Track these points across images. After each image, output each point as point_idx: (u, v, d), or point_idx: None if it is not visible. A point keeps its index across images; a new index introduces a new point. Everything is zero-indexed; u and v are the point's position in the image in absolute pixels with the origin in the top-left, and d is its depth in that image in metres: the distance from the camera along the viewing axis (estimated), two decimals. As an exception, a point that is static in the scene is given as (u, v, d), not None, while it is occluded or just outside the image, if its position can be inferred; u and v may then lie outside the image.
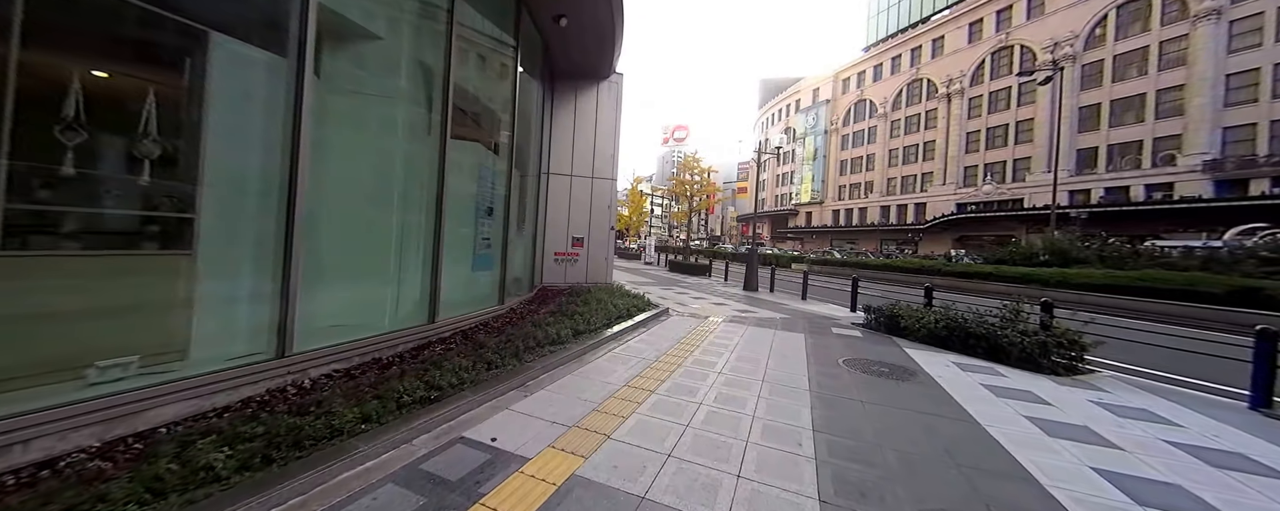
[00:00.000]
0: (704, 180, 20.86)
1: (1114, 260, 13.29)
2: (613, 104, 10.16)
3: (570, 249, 9.79)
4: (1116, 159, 29.34)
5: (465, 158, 5.71)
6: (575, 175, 9.80)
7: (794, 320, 7.75)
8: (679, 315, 7.64)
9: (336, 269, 4.07)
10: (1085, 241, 14.60)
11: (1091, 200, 28.91)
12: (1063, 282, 12.54)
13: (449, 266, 5.13)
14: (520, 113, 7.40)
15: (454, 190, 5.20)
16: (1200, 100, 25.43)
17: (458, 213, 5.53)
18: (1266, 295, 9.06)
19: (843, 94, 51.60)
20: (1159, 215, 24.30)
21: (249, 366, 3.12)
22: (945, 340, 6.13)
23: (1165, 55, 27.31)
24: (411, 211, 4.72)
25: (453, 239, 5.34)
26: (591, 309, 6.44)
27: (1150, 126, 27.78)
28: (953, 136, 39.18)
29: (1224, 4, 24.87)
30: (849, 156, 50.18)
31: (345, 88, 4.05)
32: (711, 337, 6.01)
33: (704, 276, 16.10)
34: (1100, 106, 29.78)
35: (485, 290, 6.23)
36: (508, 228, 6.39)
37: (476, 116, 5.88)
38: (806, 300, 10.48)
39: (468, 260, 5.89)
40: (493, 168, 6.25)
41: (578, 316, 5.89)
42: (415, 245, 4.76)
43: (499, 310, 6.21)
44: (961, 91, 38.58)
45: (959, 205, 37.69)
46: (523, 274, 7.89)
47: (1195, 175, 25.33)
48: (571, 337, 5.01)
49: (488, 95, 6.14)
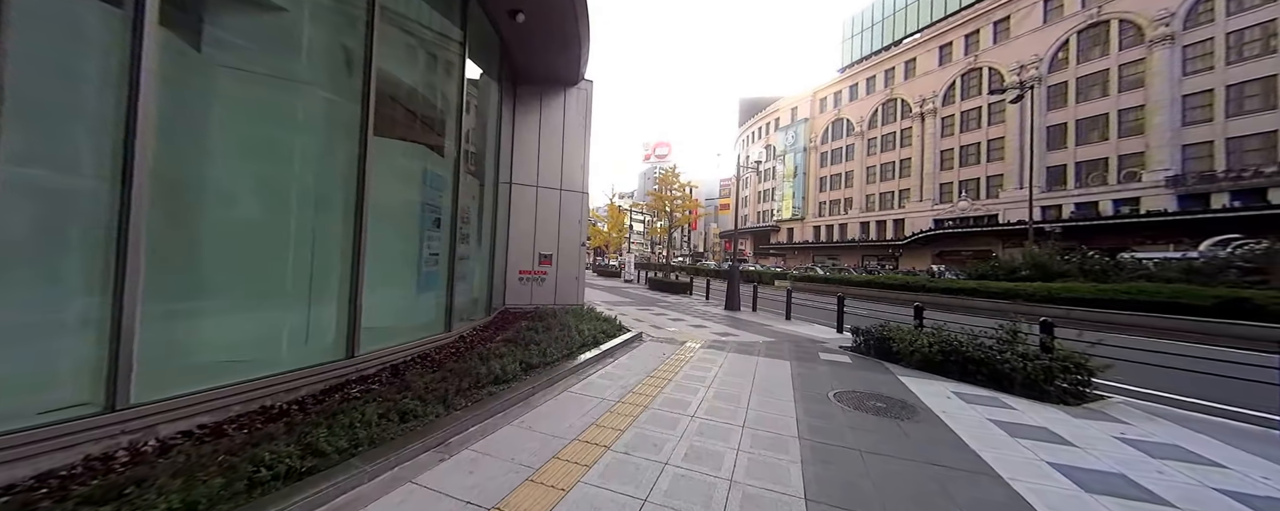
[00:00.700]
0: (684, 195, 20.43)
1: (1096, 273, 13.19)
2: (582, 112, 9.62)
3: (537, 267, 9.05)
4: (1085, 175, 30.22)
5: (402, 161, 5.00)
6: (541, 186, 9.14)
7: (778, 344, 7.13)
8: (653, 340, 6.93)
9: (210, 289, 3.27)
10: (1065, 255, 14.55)
11: (1063, 215, 29.56)
12: (1048, 297, 12.31)
13: (377, 288, 4.36)
14: (474, 115, 6.76)
15: (384, 197, 4.48)
16: (1159, 119, 26.46)
17: (391, 224, 4.79)
18: (1255, 305, 8.88)
19: (821, 113, 52.71)
20: (1128, 228, 24.87)
21: (54, 426, 2.30)
22: (941, 366, 5.58)
23: (1125, 77, 28.51)
24: (321, 220, 3.97)
25: (383, 255, 4.58)
26: (553, 336, 5.70)
27: (1114, 144, 28.76)
28: (927, 154, 40.08)
29: (1177, 30, 26.20)
30: (828, 173, 50.93)
31: (227, 63, 3.33)
32: (687, 368, 5.31)
33: (685, 295, 15.47)
34: (1067, 125, 30.82)
35: (428, 315, 5.44)
36: (457, 242, 5.65)
37: (417, 115, 5.20)
38: (790, 320, 9.90)
39: (407, 280, 5.12)
40: (440, 174, 5.55)
41: (535, 346, 5.14)
42: (328, 262, 3.99)
43: (444, 339, 5.42)
44: (934, 111, 39.67)
45: (936, 221, 38.27)
46: (478, 295, 7.11)
47: (1159, 190, 26.14)
48: (521, 373, 4.26)
49: (431, 92, 5.48)
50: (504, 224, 8.69)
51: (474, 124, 6.84)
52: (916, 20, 43.86)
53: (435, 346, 5.18)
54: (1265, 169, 22.71)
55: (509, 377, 4.08)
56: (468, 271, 6.97)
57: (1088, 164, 30.14)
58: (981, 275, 16.14)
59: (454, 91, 5.70)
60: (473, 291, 7.08)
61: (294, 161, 3.81)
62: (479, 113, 7.00)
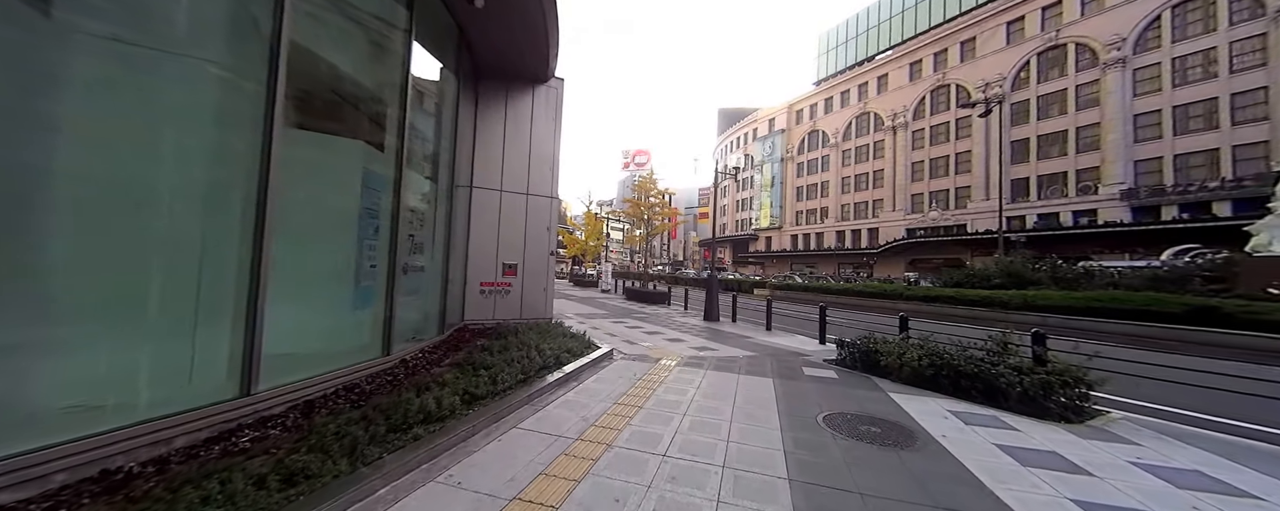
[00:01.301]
0: (661, 202, 19.99)
1: (1068, 281, 13.35)
2: (552, 112, 9.04)
3: (500, 278, 8.33)
4: (1046, 188, 31.43)
5: (328, 157, 4.31)
6: (506, 191, 8.48)
7: (760, 359, 6.63)
8: (625, 358, 6.33)
9: (50, 314, 2.51)
10: (1037, 264, 14.76)
11: (1027, 225, 30.57)
12: (1024, 305, 12.33)
13: (289, 307, 3.64)
14: (427, 110, 6.10)
15: (302, 199, 3.78)
16: (1113, 136, 27.79)
17: (312, 231, 4.08)
18: (1224, 314, 8.98)
19: (797, 124, 53.70)
20: (1087, 238, 25.83)
21: None
22: (932, 380, 5.21)
23: (1082, 97, 29.94)
24: (210, 226, 3.24)
25: (299, 267, 3.86)
26: (511, 357, 5.03)
27: (1073, 159, 30.04)
28: (900, 166, 41.13)
29: (1128, 54, 27.70)
30: (805, 183, 51.72)
31: (84, 29, 2.61)
32: (661, 390, 4.73)
33: (662, 305, 14.92)
34: (1029, 141, 32.10)
35: (362, 337, 4.70)
36: (399, 251, 4.94)
37: (349, 105, 4.52)
38: (772, 331, 9.47)
39: (334, 297, 4.39)
40: (380, 174, 4.86)
41: (486, 371, 4.48)
42: (218, 277, 3.25)
43: (381, 364, 4.68)
44: (906, 124, 40.85)
45: (908, 230, 39.14)
46: (429, 310, 6.37)
47: (1114, 203, 27.33)
48: (461, 407, 3.58)
49: (369, 80, 4.81)
50: (463, 231, 7.98)
51: (427, 120, 6.17)
52: (888, 37, 45.38)
53: (368, 374, 4.44)
54: (1209, 183, 24.00)
55: (445, 413, 3.40)
56: (419, 284, 6.25)
57: (1048, 177, 31.38)
58: (957, 283, 16.22)
59: (397, 80, 5.05)
60: (424, 307, 6.34)
61: (172, 152, 3.08)
62: (433, 107, 6.33)
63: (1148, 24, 27.12)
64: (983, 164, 34.66)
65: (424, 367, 4.94)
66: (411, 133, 5.31)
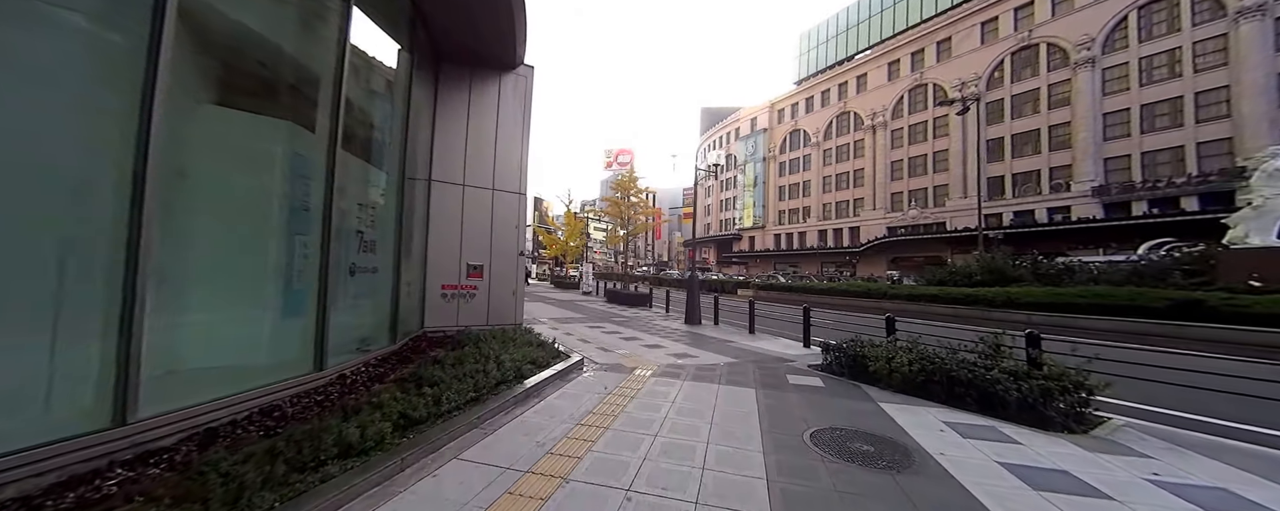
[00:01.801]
0: (641, 201, 19.51)
1: (1049, 277, 13.34)
2: (520, 102, 8.48)
3: (464, 281, 7.74)
4: (1021, 186, 32.04)
5: (241, 136, 3.72)
6: (470, 185, 7.89)
7: (742, 366, 6.21)
8: (596, 369, 5.82)
9: None
10: (1018, 260, 14.77)
11: (1003, 222, 31.10)
12: (1009, 302, 12.24)
13: (185, 314, 3.06)
14: (368, 87, 5.49)
15: (203, 185, 3.19)
16: (1084, 135, 28.44)
17: (217, 223, 3.48)
18: (1209, 308, 8.93)
19: (779, 123, 53.92)
20: (1062, 234, 26.33)
21: None
22: (924, 387, 4.86)
23: (1053, 96, 30.59)
24: (72, 215, 2.64)
25: (199, 266, 3.27)
26: (464, 370, 4.48)
27: (1046, 157, 30.68)
28: (879, 165, 41.55)
29: (1097, 54, 28.38)
30: (787, 182, 51.93)
31: None
32: (633, 406, 4.25)
33: (644, 308, 14.45)
34: (1004, 139, 32.68)
35: (288, 351, 4.09)
36: (331, 250, 4.35)
37: (263, 74, 3.92)
38: (755, 335, 9.08)
39: (251, 302, 3.79)
40: (308, 158, 4.27)
41: (433, 388, 3.93)
42: (79, 276, 2.65)
43: (313, 381, 4.08)
44: (885, 124, 41.29)
45: (889, 229, 39.53)
46: (380, 318, 5.76)
47: (1086, 199, 27.95)
48: (393, 436, 3.04)
49: (294, 48, 4.21)
50: (421, 229, 7.37)
51: (373, 101, 5.57)
52: (867, 37, 45.86)
53: (294, 393, 3.84)
54: (1176, 179, 24.69)
55: (368, 445, 2.85)
56: (370, 288, 5.64)
57: (1023, 175, 32.00)
58: (940, 281, 16.17)
59: (332, 51, 4.46)
60: (374, 313, 5.73)
61: (13, 121, 2.47)
62: (382, 87, 5.73)
63: (1115, 24, 27.83)
64: (960, 162, 35.18)
65: (364, 384, 4.36)
66: (349, 112, 4.72)
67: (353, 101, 4.99)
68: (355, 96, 5.11)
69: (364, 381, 4.47)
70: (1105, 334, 9.42)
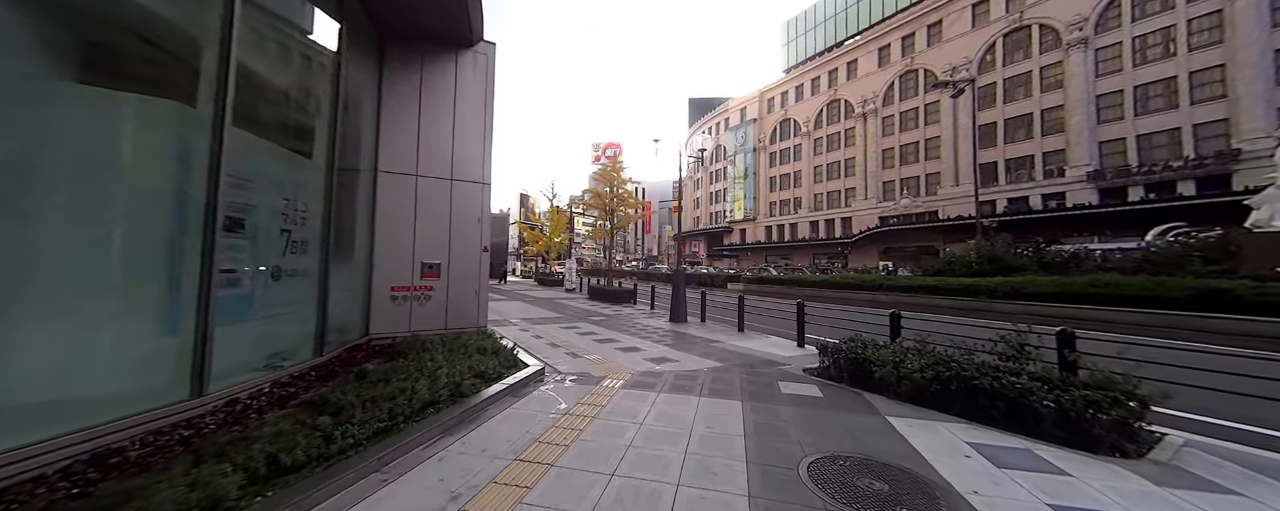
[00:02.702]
0: (626, 193, 18.62)
1: (1055, 266, 12.71)
2: (481, 83, 7.61)
3: (419, 281, 6.90)
4: (1013, 172, 31.59)
5: (88, 114, 2.84)
6: (424, 175, 7.03)
7: (728, 371, 5.45)
8: (558, 380, 5.03)
9: None
10: (1019, 248, 14.15)
11: (997, 210, 30.66)
12: (1012, 293, 11.58)
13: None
14: (279, 59, 4.60)
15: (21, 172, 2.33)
16: (1078, 118, 27.97)
17: (39, 216, 2.63)
18: (1234, 297, 8.27)
19: (768, 113, 53.12)
20: (1056, 221, 25.88)
21: None
22: (939, 397, 4.14)
23: (1046, 79, 30.06)
24: None
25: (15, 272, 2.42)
26: (387, 390, 3.68)
27: (1039, 142, 30.22)
28: (871, 153, 40.97)
29: (1090, 34, 27.84)
30: (778, 173, 51.25)
31: None
32: (590, 431, 3.46)
33: (628, 305, 13.66)
34: (996, 124, 32.16)
35: (155, 374, 3.26)
36: (215, 251, 3.50)
37: (106, 35, 3.04)
38: (744, 333, 8.33)
39: (93, 315, 2.95)
40: (184, 138, 3.42)
41: (333, 417, 3.12)
42: None
43: (183, 411, 3.26)
44: (876, 111, 40.65)
45: (881, 219, 39.04)
46: (300, 328, 4.91)
47: (1081, 184, 27.54)
48: (239, 499, 2.22)
49: (157, 3, 3.32)
50: (365, 225, 6.51)
51: (287, 75, 4.68)
52: (856, 23, 45.06)
53: (153, 428, 3.02)
54: (1173, 163, 24.30)
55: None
56: (296, 295, 4.80)
57: (1016, 161, 31.54)
58: (938, 271, 15.53)
59: (216, 10, 3.58)
60: (296, 323, 4.89)
61: None
62: (299, 62, 4.83)
63: (1108, 2, 27.27)
64: (951, 149, 34.67)
65: (258, 412, 3.54)
66: (249, 86, 3.85)
67: (255, 74, 4.12)
68: (260, 69, 4.24)
69: (260, 407, 3.66)
70: (1120, 327, 8.77)
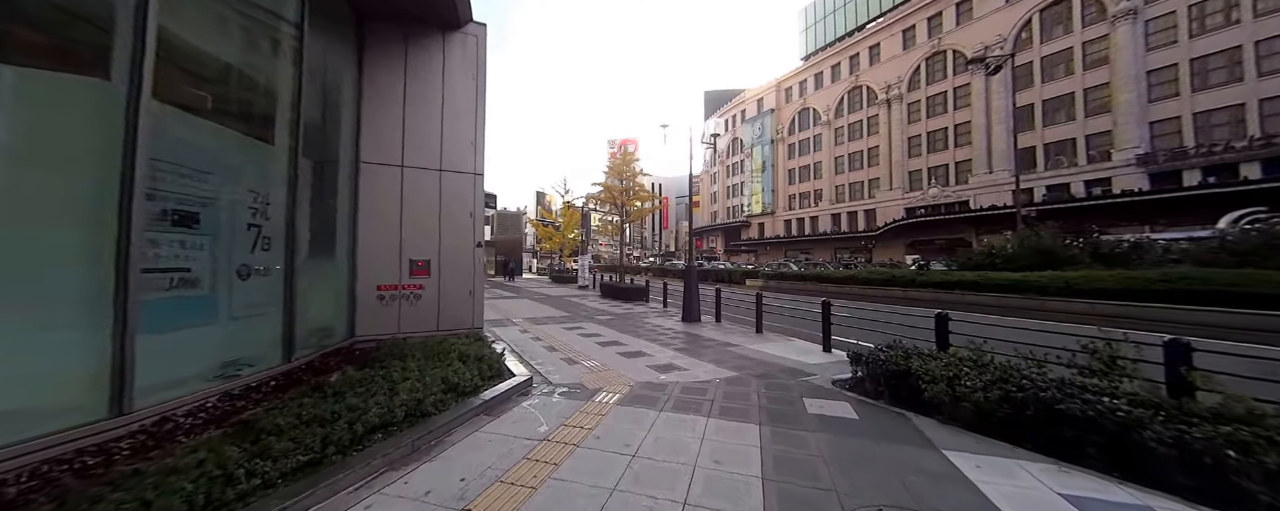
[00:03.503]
0: (636, 184, 17.87)
1: (1114, 258, 11.38)
2: (470, 66, 7.04)
3: (407, 280, 6.40)
4: (1053, 157, 29.55)
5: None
6: (411, 166, 6.51)
7: (743, 383, 4.73)
8: (546, 393, 4.40)
9: None
10: (1071, 238, 12.83)
11: (1035, 198, 28.75)
12: (1067, 289, 10.34)
13: None
14: (220, 30, 4.07)
15: None
16: (1126, 96, 25.84)
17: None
18: None
19: (786, 103, 51.43)
20: (1102, 210, 23.98)
21: None
22: (1010, 424, 3.32)
23: (1089, 55, 27.88)
24: None
25: None
26: (341, 407, 3.11)
27: (1082, 124, 28.11)
28: (896, 141, 39.12)
29: (1139, 4, 25.62)
30: (797, 165, 49.63)
31: None
32: (567, 468, 2.82)
33: (640, 303, 13.00)
34: (1034, 106, 30.09)
35: (66, 390, 2.78)
36: (132, 248, 3.00)
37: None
38: (763, 334, 7.57)
39: None
40: (89, 114, 2.91)
41: (253, 445, 2.56)
42: None
43: (100, 431, 2.78)
44: (901, 97, 38.74)
45: (908, 210, 37.25)
46: (266, 332, 4.42)
47: (1130, 169, 25.48)
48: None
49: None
50: (347, 220, 6.02)
51: (232, 49, 4.16)
52: (878, 4, 42.99)
53: (54, 455, 2.53)
54: (1235, 143, 22.15)
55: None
56: (254, 296, 4.32)
57: (1056, 145, 29.46)
58: (977, 265, 14.29)
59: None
60: (261, 327, 4.41)
61: None
62: (244, 33, 4.30)
63: (1161, -30, 25.02)
64: (984, 135, 32.69)
65: (184, 433, 3.04)
66: (175, 57, 3.32)
67: (183, 42, 3.61)
68: (191, 38, 3.73)
69: (196, 426, 3.15)
70: (1198, 329, 7.55)
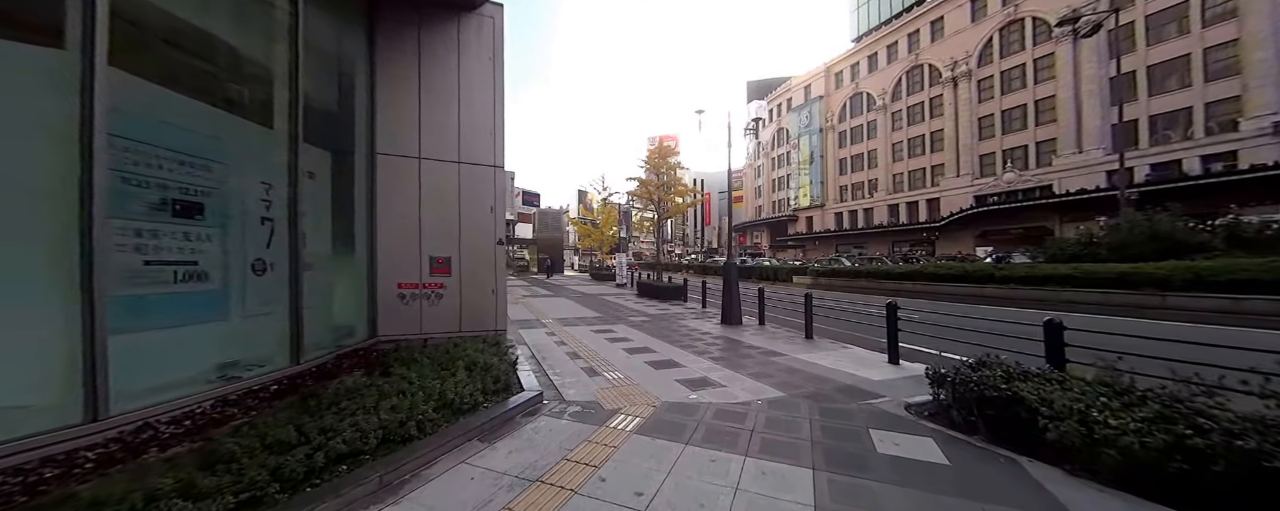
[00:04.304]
0: (673, 177, 17.02)
1: (1261, 243, 9.16)
2: (487, 49, 6.61)
3: (427, 278, 6.08)
4: (1161, 130, 25.48)
5: None
6: (428, 158, 6.17)
7: (792, 406, 3.91)
8: (554, 413, 3.81)
9: None
10: (1201, 221, 10.59)
11: (1135, 179, 24.92)
12: (1196, 281, 8.45)
13: None
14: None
15: None
16: (1261, 54, 21.66)
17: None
18: None
19: (836, 88, 48.33)
20: (1226, 189, 20.22)
21: None
22: (1186, 485, 2.34)
23: (1210, 9, 23.67)
24: None
25: None
26: (323, 423, 2.70)
27: (1200, 90, 23.98)
28: (963, 123, 35.53)
29: (1278, -58, 21.37)
30: (848, 154, 46.55)
31: None
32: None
33: (676, 302, 12.25)
34: (1136, 74, 26.06)
35: (32, 396, 2.52)
36: (93, 234, 2.72)
37: None
38: (813, 341, 6.63)
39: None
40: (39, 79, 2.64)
41: (180, 482, 2.15)
42: None
43: (69, 438, 2.48)
44: (969, 73, 35.08)
45: (977, 197, 33.78)
46: (272, 330, 4.16)
47: (1263, 139, 21.39)
48: None
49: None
50: (365, 213, 5.77)
51: (218, 19, 3.89)
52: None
53: (17, 463, 2.25)
54: None
55: None
56: (265, 292, 4.10)
57: (1164, 117, 25.37)
58: (1073, 256, 12.25)
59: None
60: (269, 324, 4.17)
61: None
62: (252, 12, 4.02)
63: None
64: (1071, 110, 28.81)
65: (159, 444, 2.75)
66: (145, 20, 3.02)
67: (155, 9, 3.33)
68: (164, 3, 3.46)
69: (176, 435, 2.87)
70: None
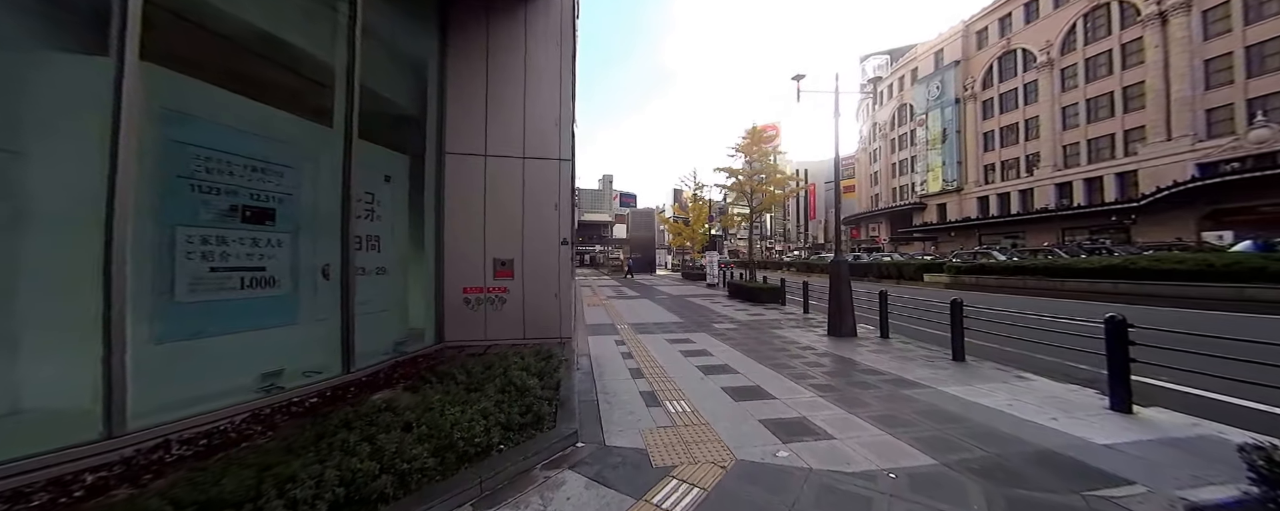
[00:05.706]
0: (767, 166, 15.11)
1: None
2: (553, 33, 6.14)
3: (491, 282, 5.82)
4: None
5: None
6: (494, 155, 5.91)
7: (954, 494, 2.55)
8: (588, 464, 2.99)
9: None
10: None
11: None
12: None
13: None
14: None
15: None
16: None
17: None
18: None
19: (978, 49, 40.26)
20: None
21: None
22: None
23: None
24: None
25: None
26: (283, 472, 2.28)
27: None
28: (1176, 70, 26.76)
29: None
30: (996, 126, 38.48)
31: None
32: None
33: (773, 306, 10.72)
34: None
35: (37, 411, 2.52)
36: (113, 238, 2.66)
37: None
38: (964, 364, 4.86)
39: None
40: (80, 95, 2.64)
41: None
42: None
43: (90, 454, 2.44)
44: (1186, 4, 26.27)
45: (1202, 166, 25.17)
46: (321, 336, 4.10)
47: None
48: None
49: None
50: (432, 215, 5.68)
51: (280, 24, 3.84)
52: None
53: (19, 484, 2.21)
54: None
55: None
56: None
57: None
58: None
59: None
60: (323, 329, 4.13)
61: None
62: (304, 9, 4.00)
63: None
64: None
65: (172, 466, 2.58)
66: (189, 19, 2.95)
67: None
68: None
69: (188, 457, 2.71)
70: None
